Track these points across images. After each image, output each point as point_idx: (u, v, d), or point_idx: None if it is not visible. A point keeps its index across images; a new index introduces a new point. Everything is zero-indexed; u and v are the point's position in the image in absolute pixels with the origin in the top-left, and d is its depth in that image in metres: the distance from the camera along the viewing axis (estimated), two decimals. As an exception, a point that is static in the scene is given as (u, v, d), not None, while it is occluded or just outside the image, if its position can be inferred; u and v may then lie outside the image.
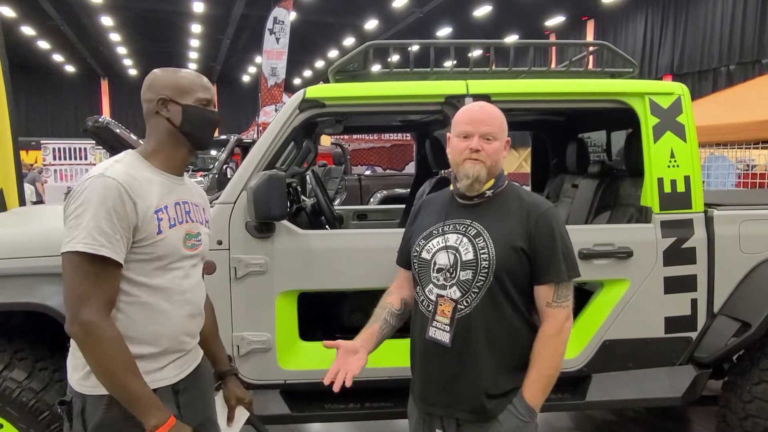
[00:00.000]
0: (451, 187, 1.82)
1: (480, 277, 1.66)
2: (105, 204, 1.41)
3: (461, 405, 1.69)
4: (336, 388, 1.62)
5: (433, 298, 1.72)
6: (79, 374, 1.49)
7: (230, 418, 1.86)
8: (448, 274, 1.69)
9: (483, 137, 1.69)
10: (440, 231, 1.75)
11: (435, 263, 1.72)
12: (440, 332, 1.69)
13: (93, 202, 1.41)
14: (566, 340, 1.72)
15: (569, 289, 1.72)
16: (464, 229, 1.72)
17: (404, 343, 2.58)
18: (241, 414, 1.89)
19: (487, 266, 1.65)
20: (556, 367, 1.70)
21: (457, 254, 1.69)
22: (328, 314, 3.03)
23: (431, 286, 1.73)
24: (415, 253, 1.78)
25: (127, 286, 1.49)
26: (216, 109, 1.67)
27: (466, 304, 1.67)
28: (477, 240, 1.68)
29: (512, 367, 1.70)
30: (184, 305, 1.59)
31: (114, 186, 1.44)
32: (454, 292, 1.68)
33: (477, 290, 1.67)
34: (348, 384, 1.63)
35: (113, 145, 5.09)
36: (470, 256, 1.67)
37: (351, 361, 1.69)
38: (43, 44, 24.26)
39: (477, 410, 1.68)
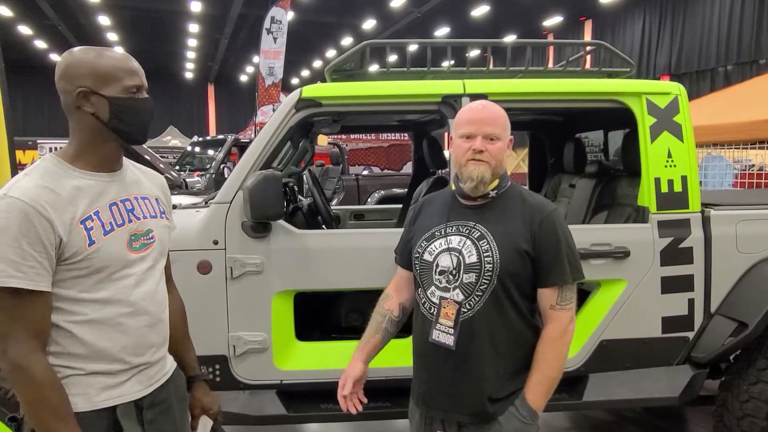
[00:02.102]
0: (453, 187, 1.80)
1: (484, 281, 1.65)
2: (8, 230, 1.25)
3: (463, 408, 1.68)
4: (354, 411, 1.81)
5: (435, 300, 1.70)
6: None
7: (193, 428, 1.71)
8: (450, 277, 1.67)
9: (486, 138, 1.66)
10: (443, 232, 1.73)
11: (437, 265, 1.70)
12: (444, 335, 1.67)
13: None
14: (569, 342, 1.70)
15: (573, 291, 1.71)
16: (468, 231, 1.70)
17: (402, 343, 2.58)
18: (206, 423, 1.74)
19: (491, 269, 1.64)
20: (559, 369, 1.68)
21: (460, 257, 1.67)
22: (324, 314, 3.02)
23: (433, 288, 1.71)
24: (417, 255, 1.76)
25: (70, 305, 1.35)
26: (147, 95, 1.45)
27: (469, 306, 1.66)
28: (481, 243, 1.67)
29: (515, 370, 1.69)
30: (139, 316, 1.43)
31: (18, 208, 1.26)
32: (457, 295, 1.66)
33: (480, 293, 1.65)
34: (359, 407, 1.83)
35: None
36: (474, 259, 1.66)
37: (353, 384, 1.81)
38: (40, 44, 24.22)
39: (479, 413, 1.67)
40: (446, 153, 3.02)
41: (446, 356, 1.68)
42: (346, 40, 24.20)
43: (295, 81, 31.23)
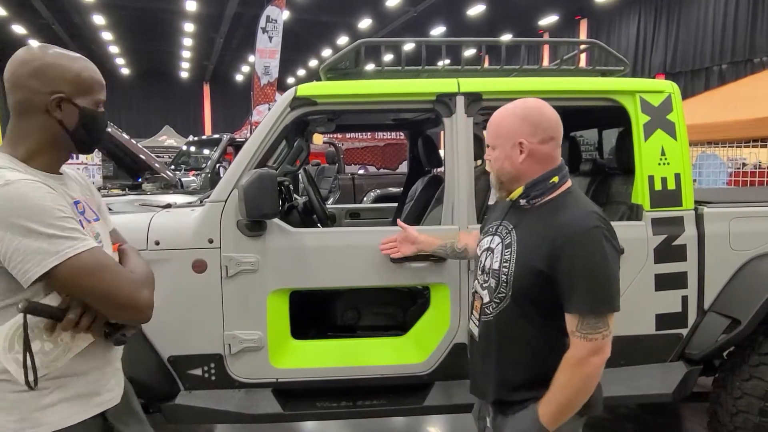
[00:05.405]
0: None
1: (501, 290, 1.62)
2: (44, 207, 1.20)
3: (488, 396, 1.72)
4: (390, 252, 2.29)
5: (474, 291, 1.78)
6: (12, 417, 1.25)
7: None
8: (485, 276, 1.71)
9: (489, 147, 1.73)
10: (492, 230, 1.76)
11: (480, 261, 1.76)
12: (473, 325, 1.76)
13: (21, 214, 1.18)
14: (589, 375, 1.50)
15: (601, 321, 1.49)
16: (505, 233, 1.69)
17: (396, 342, 2.59)
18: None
19: (506, 281, 1.60)
20: (570, 397, 1.52)
21: (492, 259, 1.69)
22: (320, 313, 3.02)
23: (476, 281, 1.78)
24: (479, 246, 1.83)
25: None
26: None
27: (489, 311, 1.67)
28: (505, 252, 1.63)
29: (526, 381, 1.60)
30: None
31: (32, 186, 1.21)
32: (485, 295, 1.70)
33: (498, 301, 1.63)
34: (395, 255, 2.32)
35: (104, 144, 5.07)
36: (496, 266, 1.65)
37: (405, 245, 2.29)
38: (35, 43, 24.10)
39: (497, 403, 1.68)
40: (441, 152, 3.02)
41: (475, 345, 1.76)
42: (342, 39, 24.18)
43: (290, 80, 31.18)
